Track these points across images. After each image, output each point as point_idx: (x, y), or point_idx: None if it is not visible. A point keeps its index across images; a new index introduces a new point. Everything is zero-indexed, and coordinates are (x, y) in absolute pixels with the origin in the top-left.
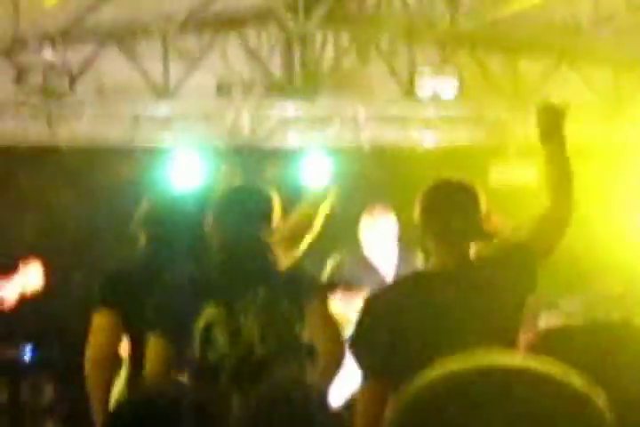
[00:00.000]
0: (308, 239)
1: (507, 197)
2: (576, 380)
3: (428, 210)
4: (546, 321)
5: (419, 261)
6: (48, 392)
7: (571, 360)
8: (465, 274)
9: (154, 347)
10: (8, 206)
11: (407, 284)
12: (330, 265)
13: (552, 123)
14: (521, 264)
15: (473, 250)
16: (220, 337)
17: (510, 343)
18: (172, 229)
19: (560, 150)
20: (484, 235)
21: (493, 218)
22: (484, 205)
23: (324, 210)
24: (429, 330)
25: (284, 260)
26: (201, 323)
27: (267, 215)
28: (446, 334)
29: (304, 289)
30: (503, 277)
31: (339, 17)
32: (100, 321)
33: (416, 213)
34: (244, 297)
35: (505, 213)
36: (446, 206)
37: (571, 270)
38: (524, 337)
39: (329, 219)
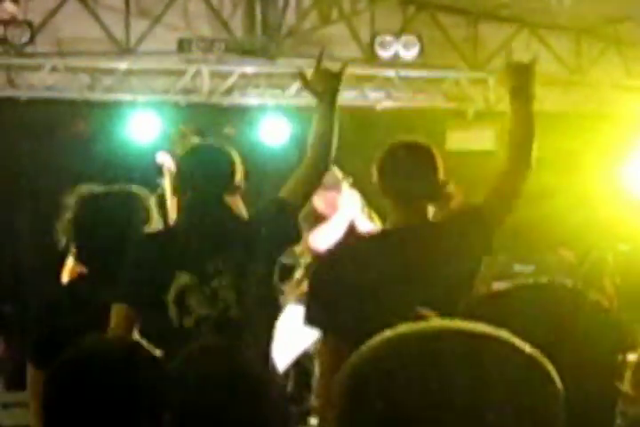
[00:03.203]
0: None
1: (463, 161)
2: (524, 344)
3: (384, 172)
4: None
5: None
6: None
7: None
8: (421, 234)
9: (117, 311)
10: None
11: (364, 243)
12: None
13: (521, 80)
14: (474, 228)
15: (430, 211)
16: (195, 302)
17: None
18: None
19: (526, 108)
20: (440, 196)
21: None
22: (441, 166)
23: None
24: (386, 287)
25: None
26: (174, 290)
27: (231, 175)
28: (401, 291)
29: (277, 237)
30: (459, 238)
31: None
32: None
33: (373, 174)
34: (216, 260)
35: (460, 177)
36: (403, 168)
37: (527, 241)
38: None
39: None
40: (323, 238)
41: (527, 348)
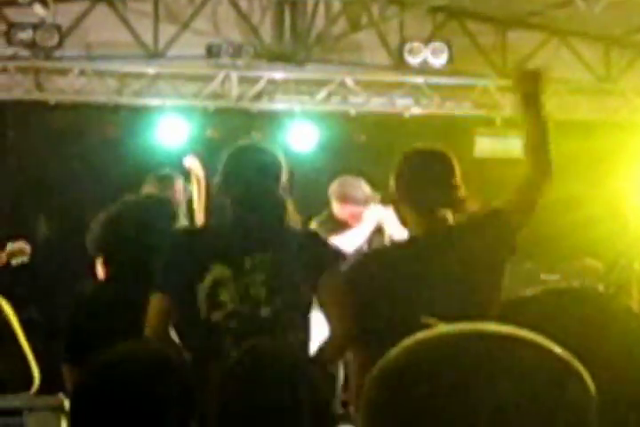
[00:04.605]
0: None
1: (491, 168)
2: (558, 348)
3: (402, 179)
4: None
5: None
6: None
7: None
8: (440, 241)
9: (154, 303)
10: None
11: (385, 253)
12: (316, 222)
13: (532, 88)
14: (496, 229)
15: (449, 218)
16: (227, 296)
17: (487, 308)
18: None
19: (539, 116)
20: (457, 201)
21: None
22: (457, 171)
23: None
24: (408, 296)
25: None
26: (207, 282)
27: (278, 173)
28: (424, 300)
29: (318, 253)
30: (479, 242)
31: None
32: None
33: (391, 181)
34: (254, 256)
35: (489, 183)
36: (419, 175)
37: (554, 250)
38: None
39: None
40: None
41: (561, 352)
